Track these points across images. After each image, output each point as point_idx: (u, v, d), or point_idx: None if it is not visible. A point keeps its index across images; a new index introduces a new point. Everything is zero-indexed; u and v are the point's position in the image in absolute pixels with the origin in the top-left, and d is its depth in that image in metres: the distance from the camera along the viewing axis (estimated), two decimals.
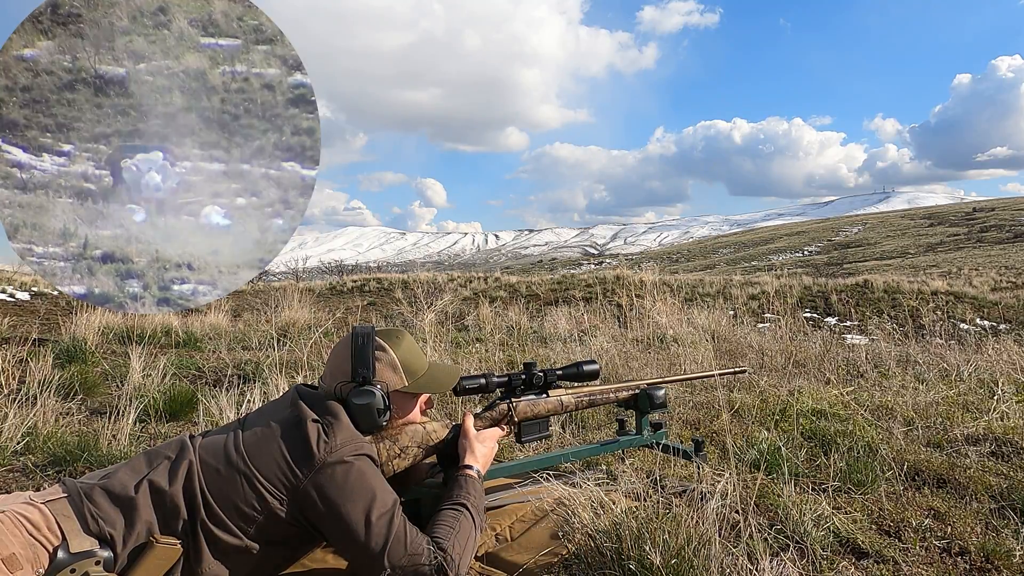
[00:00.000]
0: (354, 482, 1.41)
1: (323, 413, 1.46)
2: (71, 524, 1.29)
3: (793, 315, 6.39)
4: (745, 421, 2.95)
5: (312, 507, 1.40)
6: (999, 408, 2.97)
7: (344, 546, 1.43)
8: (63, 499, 1.33)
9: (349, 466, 1.41)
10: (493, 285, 14.51)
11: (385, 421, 1.52)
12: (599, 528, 1.57)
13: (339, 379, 1.53)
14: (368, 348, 1.52)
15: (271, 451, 1.41)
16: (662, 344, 5.12)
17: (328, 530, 1.42)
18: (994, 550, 1.74)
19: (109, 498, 1.34)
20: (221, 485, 1.38)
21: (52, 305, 7.62)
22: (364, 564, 1.41)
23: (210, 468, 1.40)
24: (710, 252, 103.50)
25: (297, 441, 1.41)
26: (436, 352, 4.21)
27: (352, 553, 1.43)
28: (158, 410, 2.97)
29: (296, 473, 1.39)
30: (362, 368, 1.51)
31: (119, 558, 1.31)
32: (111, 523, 1.32)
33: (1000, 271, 31.78)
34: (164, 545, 1.32)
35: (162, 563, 1.32)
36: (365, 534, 1.39)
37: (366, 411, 1.49)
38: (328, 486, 1.39)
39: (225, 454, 1.42)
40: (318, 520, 1.41)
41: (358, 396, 1.49)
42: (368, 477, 1.43)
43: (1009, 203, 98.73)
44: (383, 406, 1.51)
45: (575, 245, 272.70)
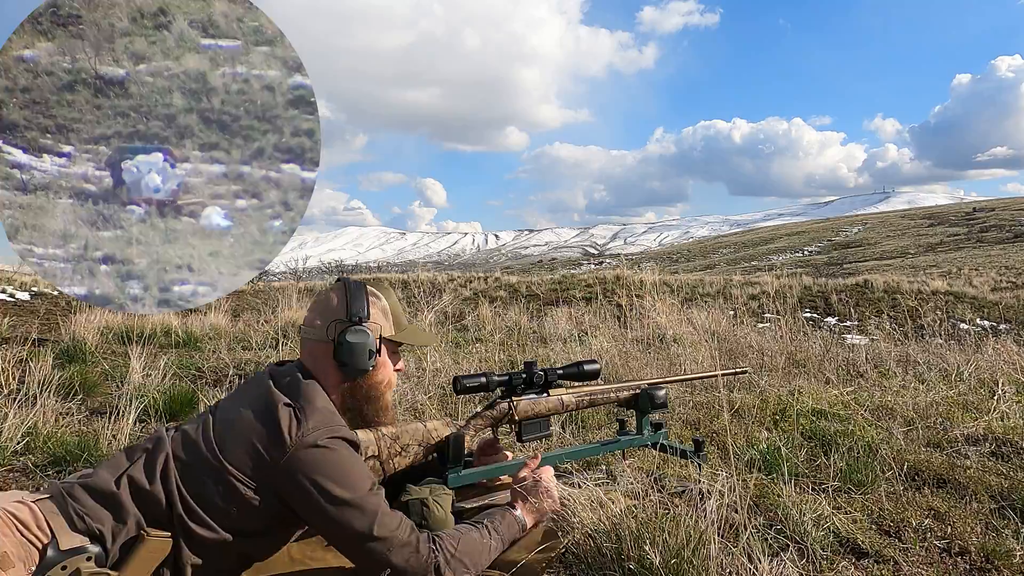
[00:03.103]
0: (330, 465, 1.36)
1: (296, 397, 1.41)
2: (60, 521, 1.29)
3: (793, 315, 6.39)
4: (745, 421, 2.95)
5: (288, 493, 1.36)
6: (999, 408, 2.98)
7: (329, 533, 1.41)
8: (49, 499, 1.32)
9: (323, 450, 1.36)
10: (493, 285, 14.51)
11: (372, 366, 1.50)
12: (599, 528, 1.57)
13: (331, 319, 1.51)
14: (364, 292, 1.54)
15: (241, 442, 1.37)
16: (662, 344, 5.12)
17: (309, 518, 1.39)
18: (994, 550, 1.74)
19: (92, 495, 1.33)
20: (194, 480, 1.36)
21: (52, 305, 7.62)
22: (354, 552, 1.39)
23: (183, 463, 1.38)
24: (710, 252, 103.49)
25: (268, 429, 1.37)
26: (436, 352, 4.21)
27: (340, 541, 1.40)
28: (158, 410, 2.97)
29: (266, 461, 1.35)
30: (358, 308, 1.51)
31: (110, 553, 1.30)
32: (98, 519, 1.31)
33: (1000, 271, 31.78)
34: (156, 538, 1.31)
35: (155, 555, 1.31)
36: (349, 519, 1.35)
37: (360, 349, 1.47)
38: (302, 471, 1.34)
39: (195, 448, 1.39)
40: (297, 507, 1.38)
41: (354, 335, 1.47)
42: (345, 460, 1.38)
43: (1009, 203, 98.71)
44: (374, 349, 1.50)
45: (575, 245, 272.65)
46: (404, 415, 3.05)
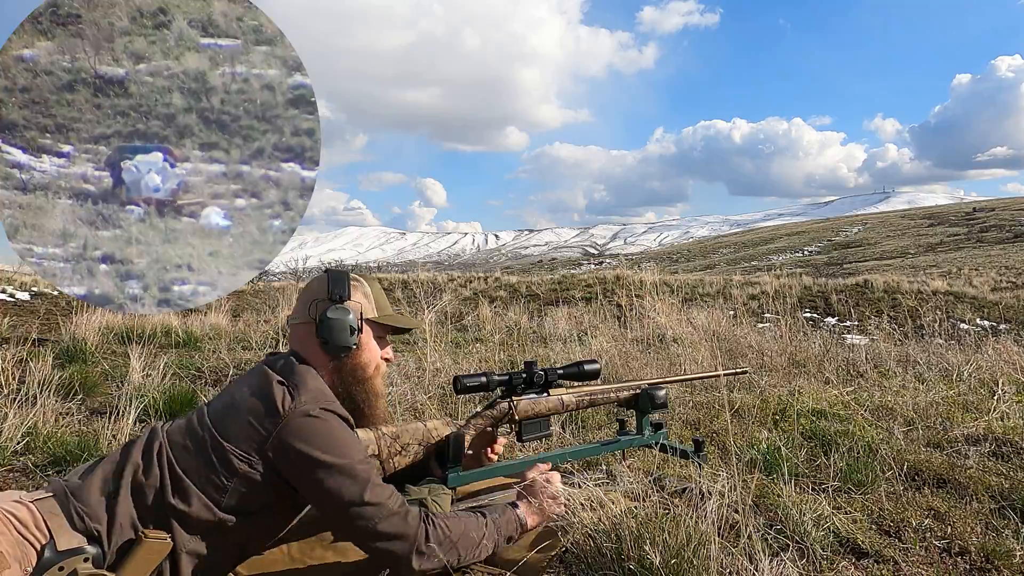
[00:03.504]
0: (322, 434, 1.39)
1: (289, 376, 1.46)
2: (58, 522, 1.28)
3: (793, 315, 6.39)
4: (745, 421, 2.95)
5: (282, 462, 1.38)
6: (999, 408, 2.97)
7: (320, 502, 1.41)
8: (50, 497, 1.32)
9: (316, 419, 1.40)
10: (493, 285, 14.51)
11: (354, 343, 1.54)
12: (599, 528, 1.57)
13: (313, 300, 1.56)
14: (345, 277, 1.59)
15: (237, 420, 1.41)
16: (661, 344, 5.12)
17: (301, 485, 1.40)
18: (994, 550, 1.73)
19: (92, 493, 1.34)
20: (190, 460, 1.38)
21: (52, 305, 7.62)
22: (344, 519, 1.39)
23: (178, 446, 1.41)
24: (710, 252, 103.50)
25: (263, 404, 1.41)
26: (436, 352, 4.21)
27: (331, 509, 1.40)
28: (158, 410, 2.97)
29: (261, 432, 1.38)
30: (338, 289, 1.55)
31: (108, 554, 1.30)
32: (97, 519, 1.31)
33: (1000, 271, 31.78)
34: (153, 540, 1.31)
35: (152, 557, 1.31)
36: (339, 486, 1.37)
37: (340, 325, 1.51)
38: (295, 438, 1.37)
39: (191, 430, 1.43)
40: (290, 476, 1.39)
41: (334, 311, 1.52)
42: (336, 429, 1.42)
43: (1009, 203, 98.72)
44: (356, 327, 1.54)
45: (575, 245, 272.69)
46: (404, 415, 3.05)
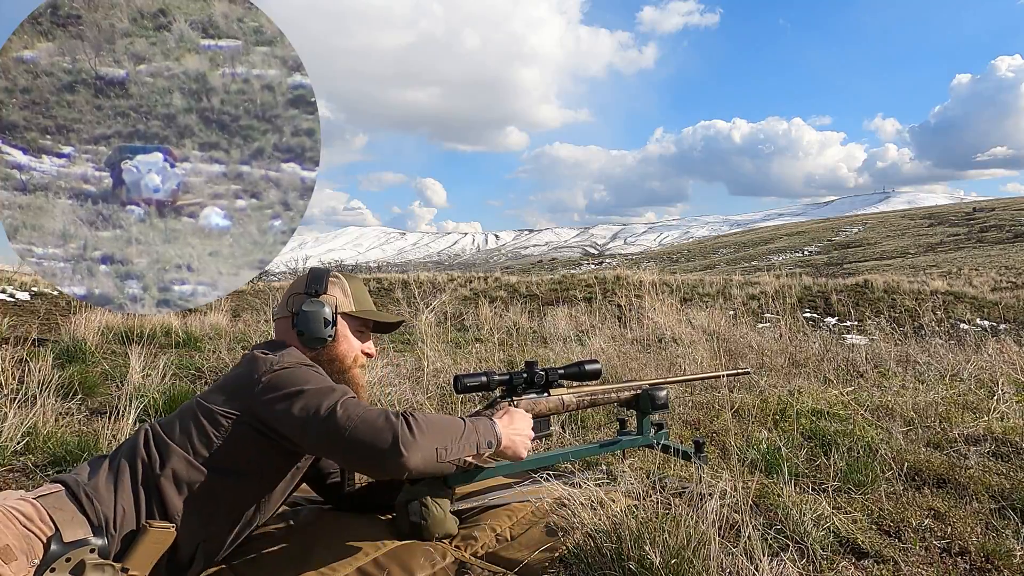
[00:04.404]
0: (298, 375, 1.46)
1: (275, 350, 1.55)
2: (63, 515, 1.30)
3: (793, 315, 6.39)
4: (745, 421, 2.95)
5: (265, 410, 1.43)
6: (999, 408, 2.97)
7: (300, 424, 1.41)
8: (56, 493, 1.35)
9: (291, 369, 1.48)
10: (493, 285, 14.51)
11: (330, 336, 1.61)
12: (599, 528, 1.57)
13: (292, 295, 1.64)
14: (324, 273, 1.68)
15: (225, 388, 1.50)
16: (661, 344, 5.12)
17: (281, 420, 1.42)
18: (994, 550, 1.74)
19: (98, 483, 1.37)
20: (177, 427, 1.45)
21: (52, 305, 7.62)
22: (326, 432, 1.38)
23: (168, 422, 1.48)
24: (710, 252, 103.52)
25: (248, 368, 1.50)
26: (436, 352, 4.21)
27: (313, 430, 1.39)
28: (158, 410, 2.97)
29: (246, 393, 1.45)
30: (315, 284, 1.64)
31: (113, 544, 1.32)
32: (106, 509, 1.34)
33: (1000, 271, 31.78)
34: (158, 529, 1.34)
35: (157, 546, 1.34)
36: (317, 403, 1.40)
37: (314, 318, 1.59)
38: (273, 386, 1.44)
39: (182, 409, 1.51)
40: (269, 415, 1.42)
41: (308, 305, 1.60)
42: (311, 371, 1.50)
43: (1009, 203, 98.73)
44: (330, 319, 1.61)
45: (575, 245, 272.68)
46: None
